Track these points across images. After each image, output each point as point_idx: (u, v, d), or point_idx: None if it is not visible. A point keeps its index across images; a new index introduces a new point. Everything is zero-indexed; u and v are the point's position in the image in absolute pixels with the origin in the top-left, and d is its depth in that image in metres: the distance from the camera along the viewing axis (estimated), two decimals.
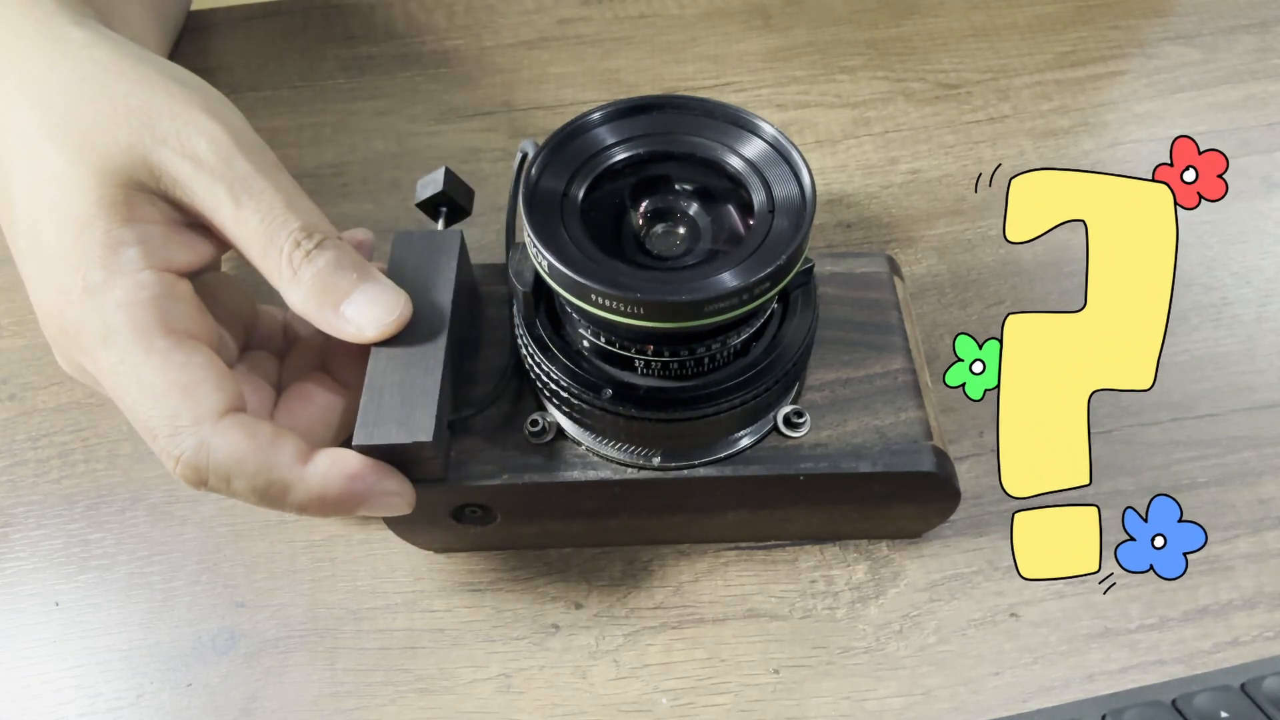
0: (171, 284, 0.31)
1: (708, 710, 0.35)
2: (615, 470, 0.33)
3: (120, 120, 0.31)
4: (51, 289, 0.31)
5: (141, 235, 0.31)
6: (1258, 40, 0.53)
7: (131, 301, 0.30)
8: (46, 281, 0.31)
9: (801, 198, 0.29)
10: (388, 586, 0.37)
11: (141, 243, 0.31)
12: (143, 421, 0.30)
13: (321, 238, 0.32)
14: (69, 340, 0.31)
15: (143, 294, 0.30)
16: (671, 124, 0.31)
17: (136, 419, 0.30)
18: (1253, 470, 0.39)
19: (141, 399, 0.30)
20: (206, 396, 0.30)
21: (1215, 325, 0.43)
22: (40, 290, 0.32)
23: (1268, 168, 0.48)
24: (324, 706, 0.35)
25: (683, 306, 0.26)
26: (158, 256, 0.31)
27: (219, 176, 0.31)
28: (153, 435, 0.30)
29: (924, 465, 0.33)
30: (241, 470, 0.29)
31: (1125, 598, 0.36)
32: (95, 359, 0.30)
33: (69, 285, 0.30)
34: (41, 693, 0.35)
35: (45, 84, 0.32)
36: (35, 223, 0.31)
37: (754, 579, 0.37)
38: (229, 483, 0.30)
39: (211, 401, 0.30)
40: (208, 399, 0.30)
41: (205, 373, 0.30)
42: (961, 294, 0.44)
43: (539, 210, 0.29)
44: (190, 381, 0.30)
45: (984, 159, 0.49)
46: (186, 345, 0.30)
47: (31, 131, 0.32)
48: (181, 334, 0.31)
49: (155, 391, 0.30)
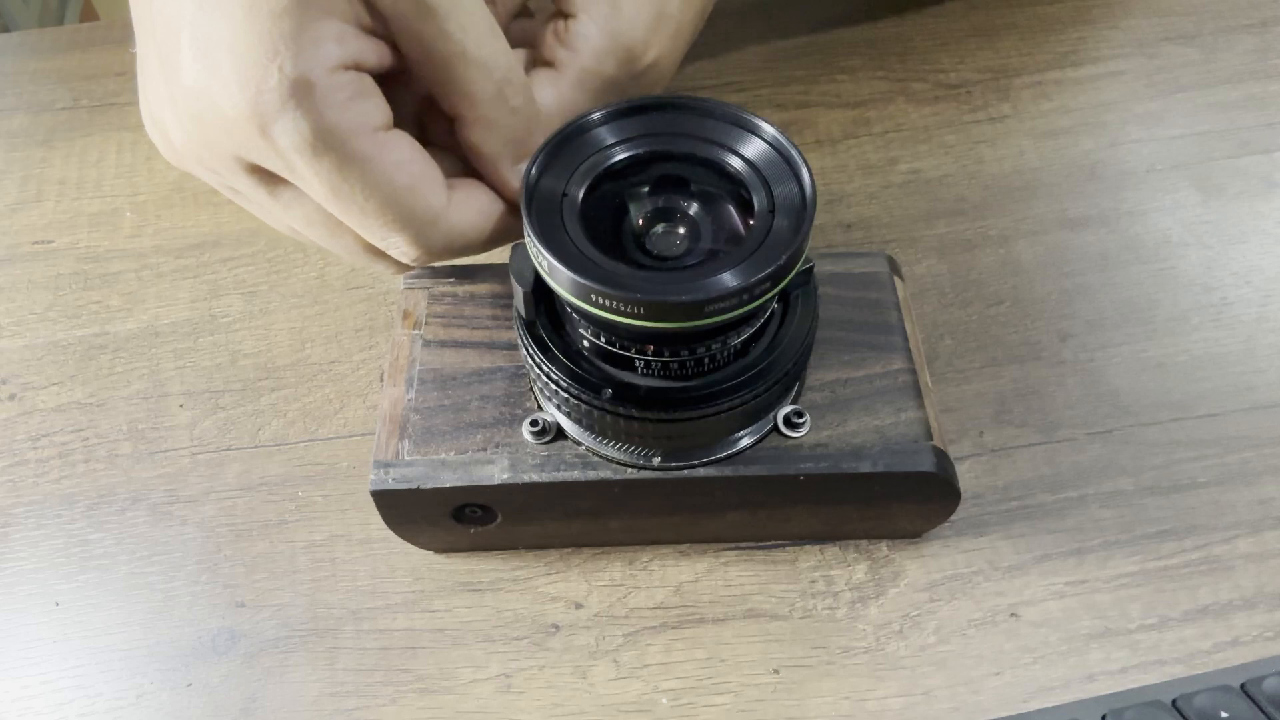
0: (367, 83, 0.30)
1: (708, 710, 0.35)
2: (615, 470, 0.33)
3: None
4: (229, 78, 0.28)
5: (339, 33, 0.29)
6: (1258, 40, 0.53)
7: (342, 102, 0.29)
8: (216, 68, 0.28)
9: (801, 198, 0.29)
10: (388, 586, 0.37)
11: (339, 41, 0.29)
12: (379, 220, 0.31)
13: (525, 83, 0.32)
14: (252, 133, 0.29)
15: (344, 95, 0.29)
16: (671, 124, 0.31)
17: (371, 218, 0.31)
18: (1253, 470, 0.39)
19: (373, 201, 0.30)
20: (434, 178, 0.32)
21: (1215, 325, 0.43)
22: (196, 76, 0.29)
23: (1268, 168, 0.48)
24: (324, 706, 0.35)
25: (683, 307, 0.26)
26: (353, 56, 0.30)
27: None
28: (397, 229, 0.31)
29: (924, 465, 0.33)
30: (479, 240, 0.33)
31: (1125, 598, 0.36)
32: (298, 158, 0.29)
33: (260, 76, 0.28)
34: (41, 693, 0.35)
35: None
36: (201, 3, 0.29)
37: (754, 579, 0.37)
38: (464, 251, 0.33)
39: (437, 180, 0.32)
40: (434, 180, 0.32)
41: (423, 157, 0.31)
42: (961, 294, 0.44)
43: (539, 210, 0.29)
44: (416, 170, 0.31)
45: (984, 159, 0.49)
46: (402, 135, 0.31)
47: None
48: (388, 123, 0.31)
49: (389, 188, 0.30)
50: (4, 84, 0.54)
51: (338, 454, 0.40)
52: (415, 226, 0.31)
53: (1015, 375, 0.42)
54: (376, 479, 0.33)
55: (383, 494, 0.33)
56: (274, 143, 0.29)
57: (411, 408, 0.34)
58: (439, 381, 0.35)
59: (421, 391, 0.35)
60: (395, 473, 0.33)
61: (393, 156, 0.30)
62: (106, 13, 1.04)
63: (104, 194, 0.49)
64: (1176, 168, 0.48)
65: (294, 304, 0.45)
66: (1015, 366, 0.42)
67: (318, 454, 0.40)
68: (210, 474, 0.40)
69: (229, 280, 0.46)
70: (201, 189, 0.49)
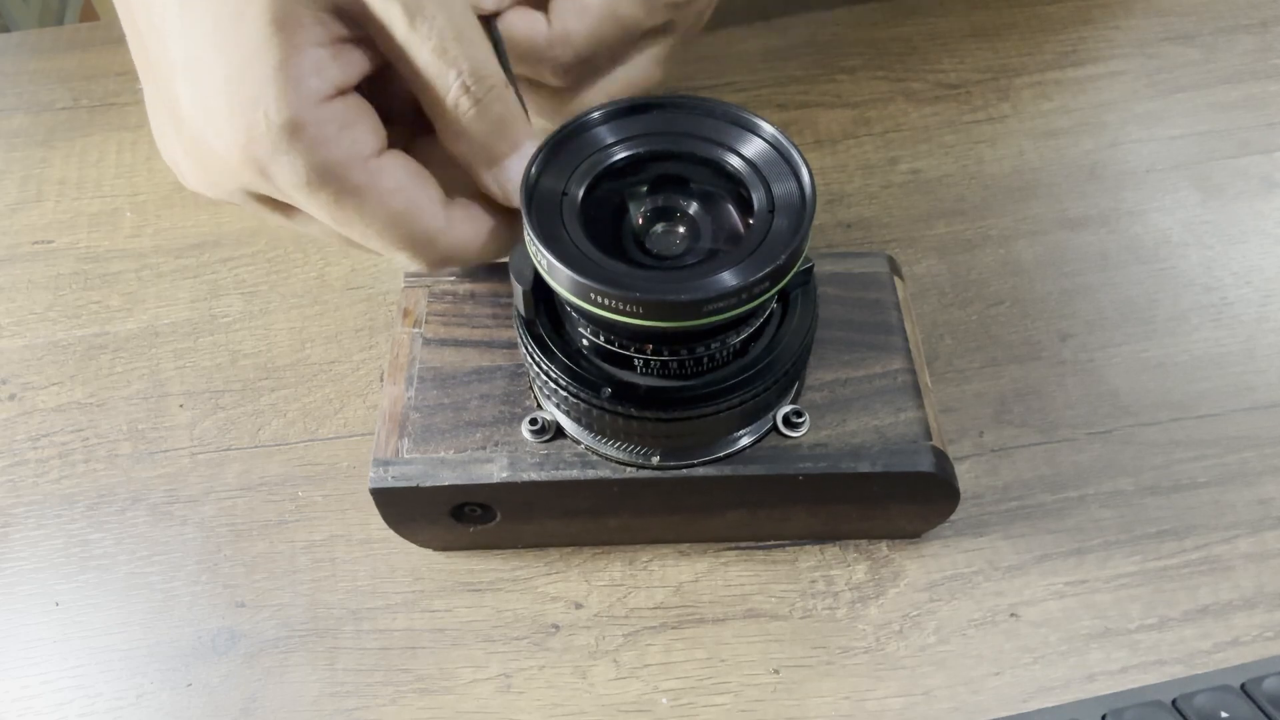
0: (354, 104, 0.30)
1: (708, 710, 0.34)
2: (614, 469, 0.33)
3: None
4: (223, 116, 0.29)
5: (318, 62, 0.29)
6: (1258, 40, 0.53)
7: (328, 139, 0.29)
8: (209, 103, 0.29)
9: (801, 197, 0.28)
10: (388, 586, 0.37)
11: (319, 71, 0.29)
12: (381, 243, 0.32)
13: (490, 86, 0.31)
14: (251, 173, 0.30)
15: (331, 128, 0.29)
16: (671, 123, 0.31)
17: (373, 241, 0.32)
18: (1253, 470, 0.39)
19: (372, 228, 0.31)
20: (429, 199, 0.32)
21: (1215, 325, 0.43)
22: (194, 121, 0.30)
23: (1268, 168, 0.48)
24: (324, 706, 0.35)
25: (682, 306, 0.26)
26: (335, 83, 0.30)
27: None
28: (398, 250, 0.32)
29: (923, 465, 0.33)
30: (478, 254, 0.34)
31: (1125, 598, 0.36)
32: (297, 194, 0.30)
33: (249, 123, 0.29)
34: (41, 693, 0.35)
35: None
36: (189, 37, 0.29)
37: (754, 579, 0.37)
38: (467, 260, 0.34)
39: (433, 201, 0.32)
40: (430, 201, 0.32)
41: (417, 179, 0.32)
42: (961, 294, 0.44)
43: (539, 209, 0.29)
44: (411, 196, 0.31)
45: (984, 159, 0.49)
46: (394, 158, 0.31)
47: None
48: (379, 148, 0.31)
49: (385, 215, 0.31)
50: (4, 84, 0.54)
51: (338, 454, 0.40)
52: (414, 246, 0.32)
53: (1015, 375, 0.42)
54: (375, 477, 0.33)
55: (382, 492, 0.33)
56: (272, 181, 0.30)
57: (411, 406, 0.34)
58: (439, 380, 0.35)
59: (421, 390, 0.35)
60: (394, 471, 0.33)
61: (387, 184, 0.31)
62: (106, 13, 1.04)
63: (104, 194, 0.49)
64: (1176, 168, 0.48)
65: (294, 304, 0.45)
66: (1015, 366, 0.42)
67: (318, 454, 0.40)
68: (210, 474, 0.40)
69: (229, 280, 0.46)
70: None
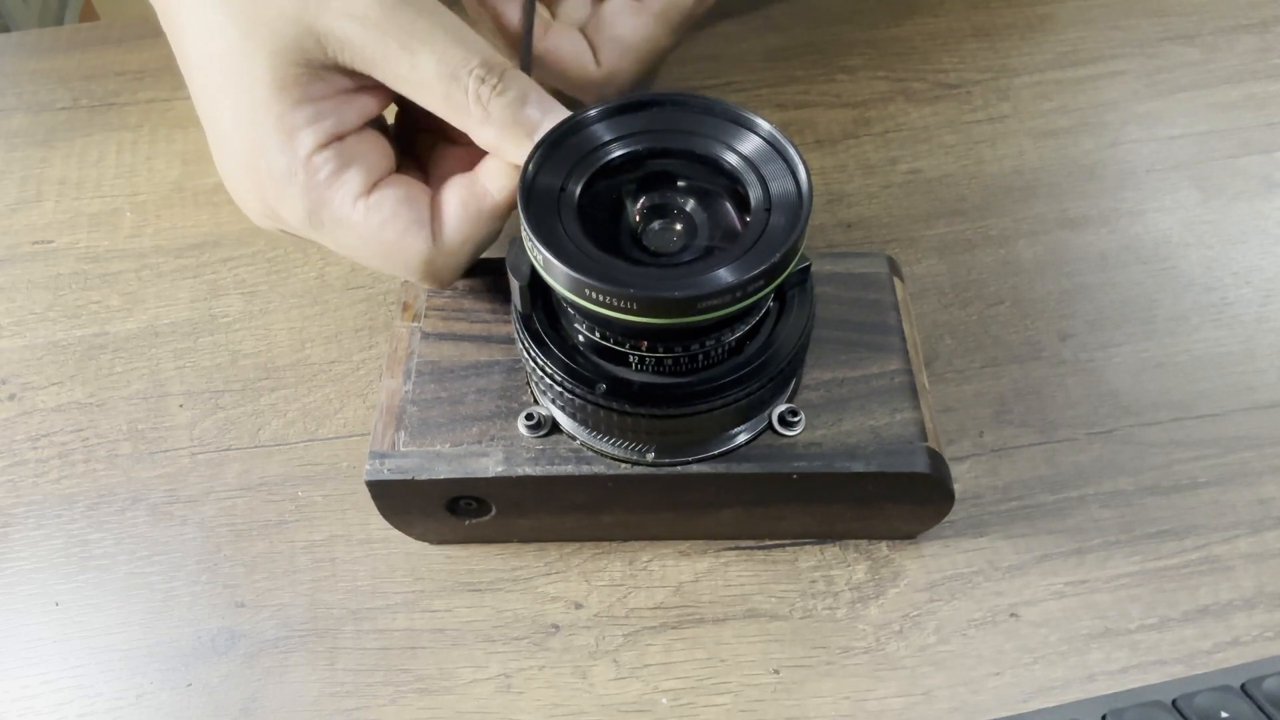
0: (350, 147, 0.33)
1: (708, 710, 0.34)
2: (609, 465, 0.33)
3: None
4: (237, 163, 0.33)
5: (313, 115, 0.32)
6: (1258, 40, 0.53)
7: (324, 182, 0.32)
8: (228, 151, 0.33)
9: (798, 195, 0.28)
10: (388, 586, 0.37)
11: (314, 123, 0.32)
12: (383, 269, 0.34)
13: (504, 69, 0.32)
14: (265, 208, 0.33)
15: (324, 174, 0.32)
16: (669, 121, 0.31)
17: (375, 267, 0.34)
18: (1253, 470, 0.39)
19: (374, 259, 0.34)
20: (419, 231, 0.33)
21: (1215, 325, 0.43)
22: (224, 154, 0.34)
23: (1268, 168, 0.48)
24: (324, 706, 0.35)
25: (677, 303, 0.26)
26: (330, 132, 0.32)
27: (386, 29, 0.31)
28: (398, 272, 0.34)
29: (918, 466, 0.33)
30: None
31: (1125, 598, 0.36)
32: (305, 233, 0.34)
33: (254, 166, 0.32)
34: (41, 693, 0.36)
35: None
36: (209, 93, 0.33)
37: (754, 579, 0.37)
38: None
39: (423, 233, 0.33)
40: (421, 226, 0.33)
41: (408, 217, 0.33)
42: (961, 294, 0.44)
43: (536, 206, 0.29)
44: (401, 226, 0.33)
45: (984, 159, 0.49)
46: (383, 194, 0.33)
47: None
48: (369, 186, 0.33)
49: (378, 246, 0.33)
50: (4, 84, 0.54)
51: (338, 454, 0.40)
52: (410, 269, 0.34)
53: (1015, 375, 0.41)
54: (372, 469, 0.33)
55: (377, 484, 0.33)
56: (283, 221, 0.34)
57: (408, 399, 0.34)
58: (436, 374, 0.35)
59: (419, 383, 0.35)
60: (390, 464, 0.33)
61: (377, 218, 0.33)
62: (106, 13, 1.04)
63: (104, 194, 0.49)
64: (1176, 168, 0.48)
65: (294, 304, 0.45)
66: (1015, 366, 0.42)
67: (318, 454, 0.40)
68: (210, 474, 0.40)
69: (229, 280, 0.46)
70: (201, 189, 0.49)
